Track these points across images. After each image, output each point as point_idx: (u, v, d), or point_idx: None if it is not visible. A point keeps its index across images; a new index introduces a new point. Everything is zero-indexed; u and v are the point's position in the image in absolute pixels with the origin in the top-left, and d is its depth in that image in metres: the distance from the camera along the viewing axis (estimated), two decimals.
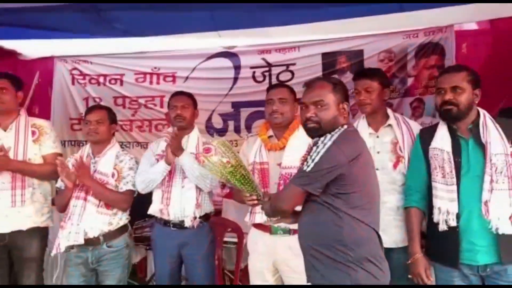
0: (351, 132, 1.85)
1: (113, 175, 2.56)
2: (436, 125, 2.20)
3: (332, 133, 1.77)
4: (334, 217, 1.71)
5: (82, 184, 2.48)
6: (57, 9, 3.34)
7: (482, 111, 2.11)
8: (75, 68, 4.88)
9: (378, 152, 2.27)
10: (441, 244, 2.06)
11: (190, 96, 2.79)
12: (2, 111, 2.67)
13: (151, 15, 3.42)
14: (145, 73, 4.76)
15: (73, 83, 4.88)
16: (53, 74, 4.89)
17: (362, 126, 2.37)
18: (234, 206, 4.03)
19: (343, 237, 1.69)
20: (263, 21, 3.73)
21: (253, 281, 2.38)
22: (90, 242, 2.48)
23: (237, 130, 4.51)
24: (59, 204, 2.59)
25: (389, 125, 2.39)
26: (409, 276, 2.16)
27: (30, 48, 4.81)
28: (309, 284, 2.03)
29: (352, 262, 1.69)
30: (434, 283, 2.14)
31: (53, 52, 4.89)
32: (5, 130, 2.65)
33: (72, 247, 2.48)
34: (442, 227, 2.04)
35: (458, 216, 2.01)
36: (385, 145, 2.28)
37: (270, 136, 2.44)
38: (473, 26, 4.15)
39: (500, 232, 1.92)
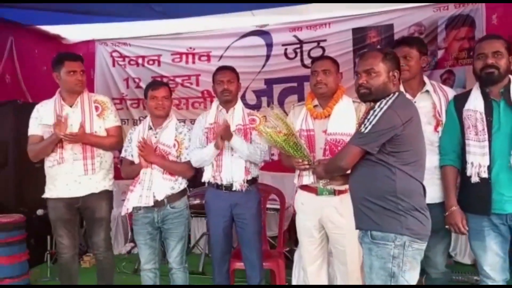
0: (404, 97, 2.07)
1: (174, 146, 2.82)
2: (469, 91, 2.35)
3: (387, 98, 1.96)
4: (388, 172, 1.92)
5: None
6: None
7: None
8: (115, 51, 5.13)
9: None
10: (474, 195, 2.23)
11: (234, 70, 2.95)
12: (78, 91, 2.90)
13: None
14: (181, 53, 4.97)
15: (113, 65, 5.13)
16: (95, 56, 5.15)
17: None
18: (271, 177, 4.27)
19: (396, 189, 1.90)
20: None
21: (301, 237, 2.61)
22: (156, 204, 2.77)
23: (270, 105, 4.69)
24: (129, 173, 2.87)
25: (426, 91, 2.51)
26: (446, 226, 2.34)
27: (72, 32, 5.10)
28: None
29: (402, 210, 1.90)
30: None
31: (93, 36, 5.16)
32: (71, 106, 2.90)
33: (139, 208, 2.75)
34: (475, 179, 2.21)
35: (489, 169, 2.18)
36: (422, 109, 2.41)
37: (315, 106, 2.60)
38: None
39: None
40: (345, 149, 2.05)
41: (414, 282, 1.96)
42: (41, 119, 2.89)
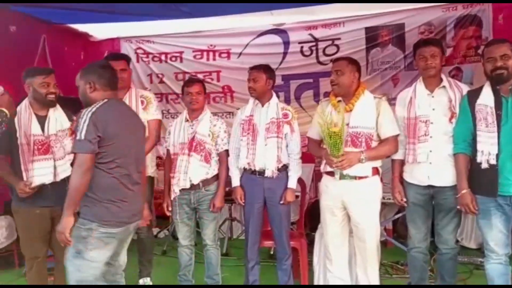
0: (105, 105, 2.28)
1: (209, 135, 3.12)
2: (481, 87, 2.62)
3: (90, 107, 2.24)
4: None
5: (186, 146, 3.05)
6: None
7: None
8: (139, 48, 5.43)
9: (433, 109, 2.73)
10: (483, 179, 2.50)
11: (261, 68, 3.16)
12: (121, 87, 3.18)
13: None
14: (202, 50, 5.26)
15: (137, 61, 5.42)
16: None
17: (419, 88, 2.81)
18: None
19: (92, 184, 2.21)
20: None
21: (324, 214, 2.90)
22: (192, 187, 3.07)
23: (287, 100, 4.93)
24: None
25: (443, 86, 2.76)
26: (458, 207, 2.62)
27: (99, 30, 5.38)
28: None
29: (93, 202, 2.25)
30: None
31: (118, 33, 5.44)
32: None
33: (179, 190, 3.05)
34: (484, 165, 2.48)
35: (497, 157, 2.44)
36: (439, 103, 2.74)
37: (339, 101, 2.86)
38: None
39: None
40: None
41: (100, 259, 2.27)
42: None
